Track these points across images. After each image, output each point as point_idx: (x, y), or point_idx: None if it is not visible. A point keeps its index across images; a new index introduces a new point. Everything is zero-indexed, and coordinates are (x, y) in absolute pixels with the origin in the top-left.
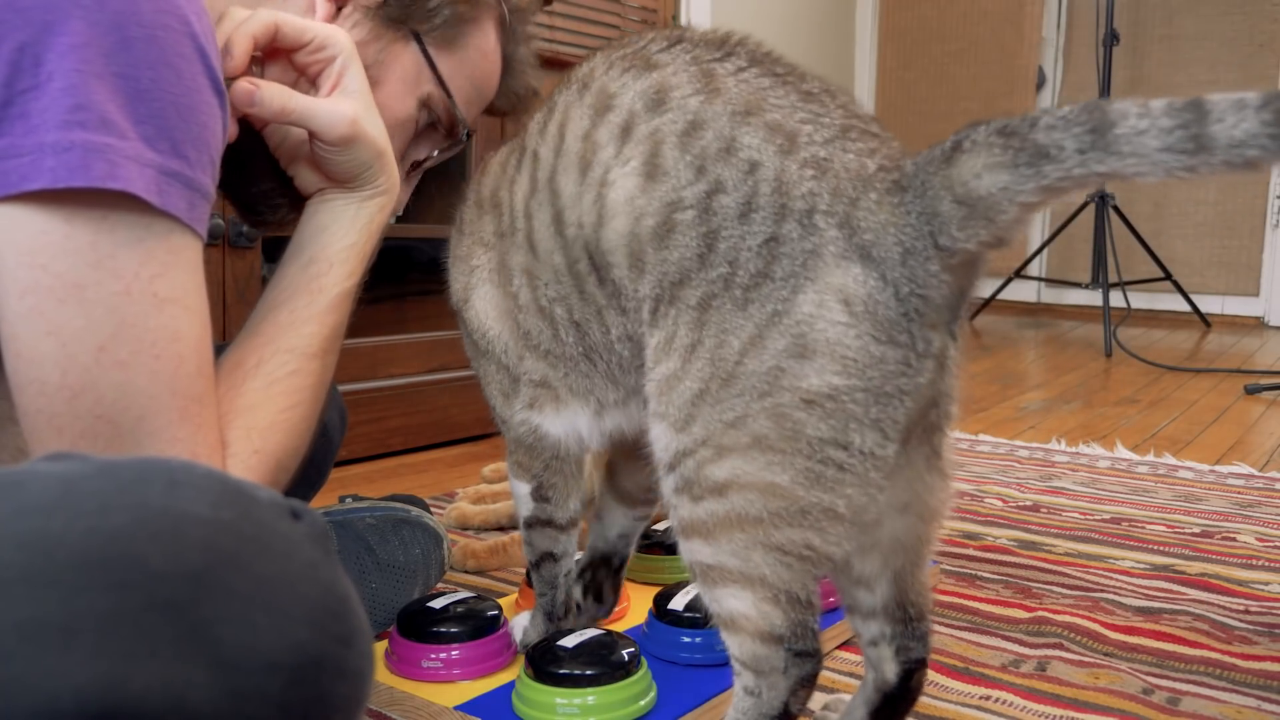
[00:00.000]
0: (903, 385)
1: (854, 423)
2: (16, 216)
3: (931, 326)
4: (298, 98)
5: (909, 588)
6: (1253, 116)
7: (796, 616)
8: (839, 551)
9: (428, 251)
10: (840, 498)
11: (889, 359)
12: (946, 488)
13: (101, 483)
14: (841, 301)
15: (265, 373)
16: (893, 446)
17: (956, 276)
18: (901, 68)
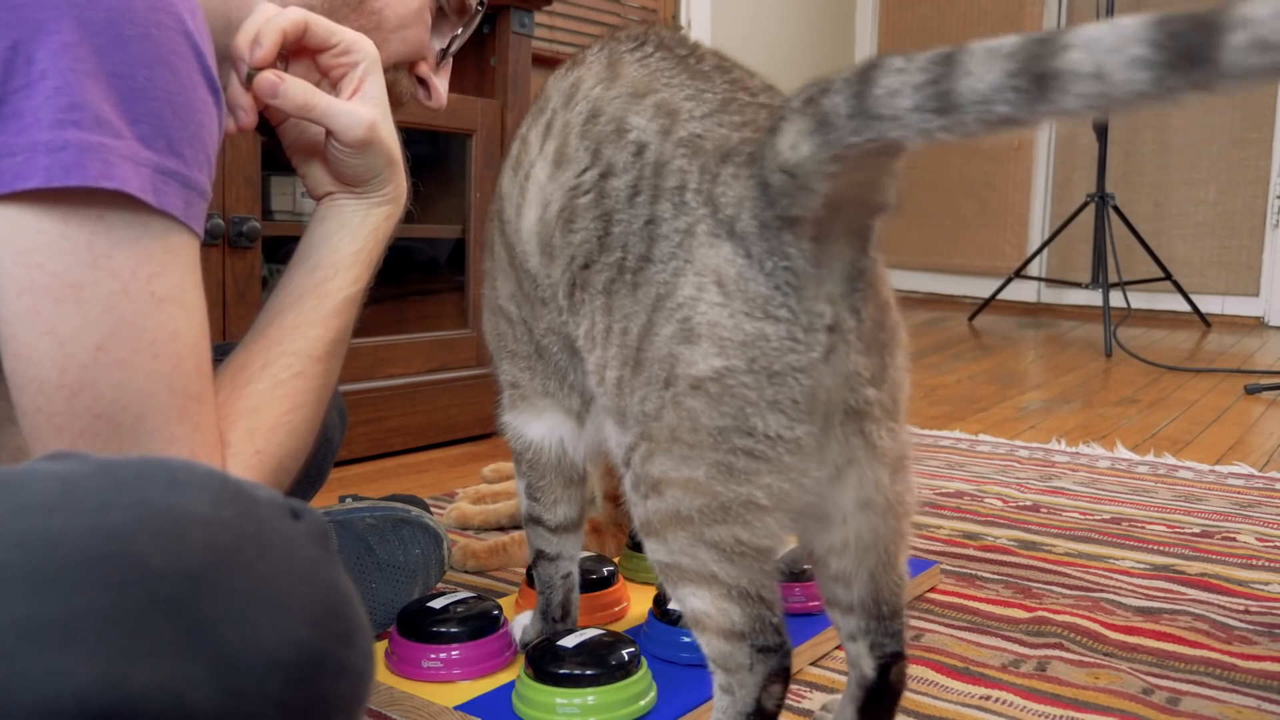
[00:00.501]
0: (792, 362)
1: (749, 406)
2: (12, 216)
3: (815, 299)
4: (320, 95)
5: (883, 585)
6: (998, 67)
7: (754, 612)
8: (771, 543)
9: (427, 251)
10: (758, 488)
11: (769, 335)
12: (902, 480)
13: (101, 481)
14: (715, 282)
15: (270, 375)
16: (801, 428)
17: (823, 245)
18: None
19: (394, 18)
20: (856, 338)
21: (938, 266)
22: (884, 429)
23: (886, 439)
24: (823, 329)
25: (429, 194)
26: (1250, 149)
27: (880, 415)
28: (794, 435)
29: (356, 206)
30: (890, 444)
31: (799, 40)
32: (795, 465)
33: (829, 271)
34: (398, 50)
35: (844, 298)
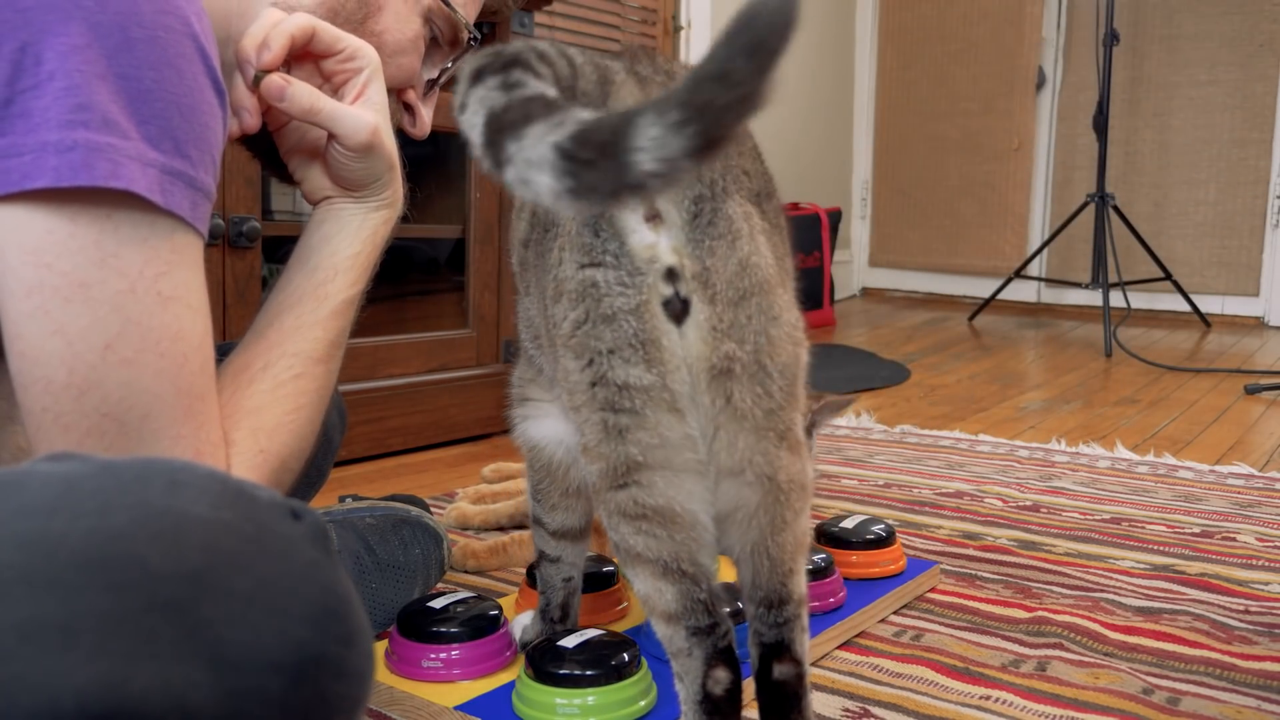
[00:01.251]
0: (621, 305)
1: (599, 357)
2: (20, 216)
3: (645, 246)
4: (325, 100)
5: (760, 567)
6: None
7: (684, 588)
8: (671, 505)
9: (427, 251)
10: (632, 444)
11: (598, 281)
12: (768, 451)
13: (102, 483)
14: (566, 239)
15: (271, 375)
16: (650, 375)
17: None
18: (901, 68)
19: (392, 42)
20: (703, 287)
21: (938, 266)
22: (748, 392)
23: (749, 401)
24: (654, 273)
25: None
26: (1250, 149)
27: (742, 375)
28: (644, 383)
29: (355, 210)
30: (752, 407)
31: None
32: (656, 417)
33: (667, 226)
34: (391, 75)
35: (685, 247)
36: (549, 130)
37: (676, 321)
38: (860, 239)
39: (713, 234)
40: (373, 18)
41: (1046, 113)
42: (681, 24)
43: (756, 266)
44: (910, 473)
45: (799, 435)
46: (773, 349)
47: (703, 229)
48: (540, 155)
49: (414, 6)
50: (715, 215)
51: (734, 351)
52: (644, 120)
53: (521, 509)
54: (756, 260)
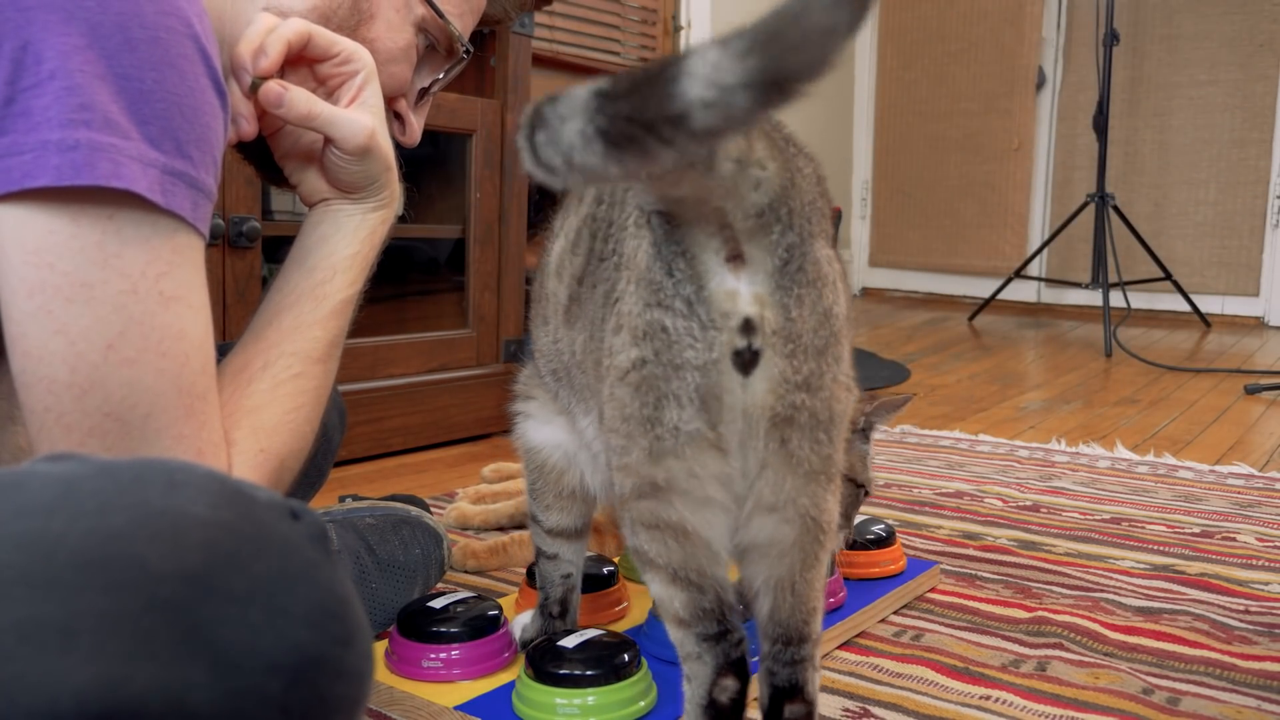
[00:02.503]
0: (690, 359)
1: (654, 396)
2: (22, 215)
3: (723, 295)
4: (322, 104)
5: (781, 603)
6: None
7: (692, 597)
8: (689, 526)
9: (427, 251)
10: (666, 471)
11: (668, 327)
12: (812, 495)
13: (101, 483)
14: (632, 272)
15: (271, 375)
16: (700, 423)
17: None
18: (901, 68)
19: (383, 50)
20: (784, 340)
21: (938, 266)
22: (808, 439)
23: (808, 449)
24: (728, 329)
25: (429, 194)
26: (1250, 149)
27: (807, 423)
28: (694, 428)
29: (352, 211)
30: (810, 454)
31: None
32: (697, 456)
33: (752, 270)
34: (382, 83)
35: (771, 295)
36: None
37: (744, 372)
38: (860, 239)
39: (802, 281)
40: (365, 25)
41: (1046, 113)
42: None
43: (836, 317)
44: (910, 473)
45: (838, 473)
46: (836, 397)
47: (792, 276)
48: (573, 106)
49: (406, 15)
50: (804, 261)
51: (804, 401)
52: (703, 48)
53: (521, 509)
54: (837, 310)
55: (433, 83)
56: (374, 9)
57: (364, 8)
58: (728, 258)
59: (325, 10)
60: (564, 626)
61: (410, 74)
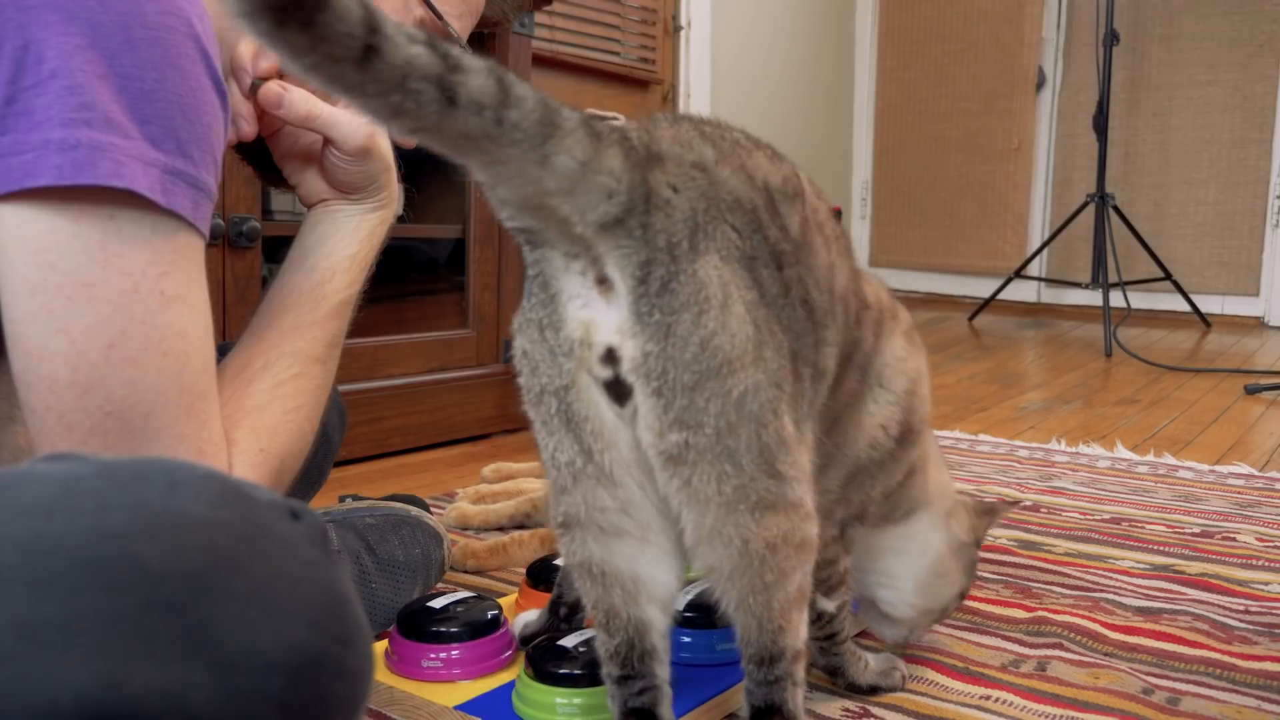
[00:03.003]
0: (544, 383)
1: (536, 424)
2: (23, 215)
3: (572, 322)
4: (322, 105)
5: (750, 624)
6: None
7: (603, 636)
8: (586, 558)
9: (427, 251)
10: (564, 504)
11: (528, 351)
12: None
13: (100, 483)
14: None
15: (271, 375)
16: (576, 455)
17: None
18: (901, 68)
19: None
20: (646, 376)
21: (938, 266)
22: (712, 475)
23: (713, 485)
24: (583, 357)
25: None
26: (1250, 149)
27: (704, 459)
28: (570, 458)
29: (351, 211)
30: (717, 489)
31: (799, 40)
32: (584, 489)
33: (613, 298)
34: None
35: (629, 323)
36: None
37: (620, 401)
38: (860, 239)
39: (668, 306)
40: None
41: (1046, 113)
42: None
43: (719, 348)
44: None
45: (786, 493)
46: (741, 428)
47: (652, 300)
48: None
49: (405, 17)
50: (672, 282)
51: (688, 439)
52: None
53: (521, 509)
54: (720, 341)
55: None
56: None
57: None
58: (596, 279)
59: None
60: (566, 629)
61: None
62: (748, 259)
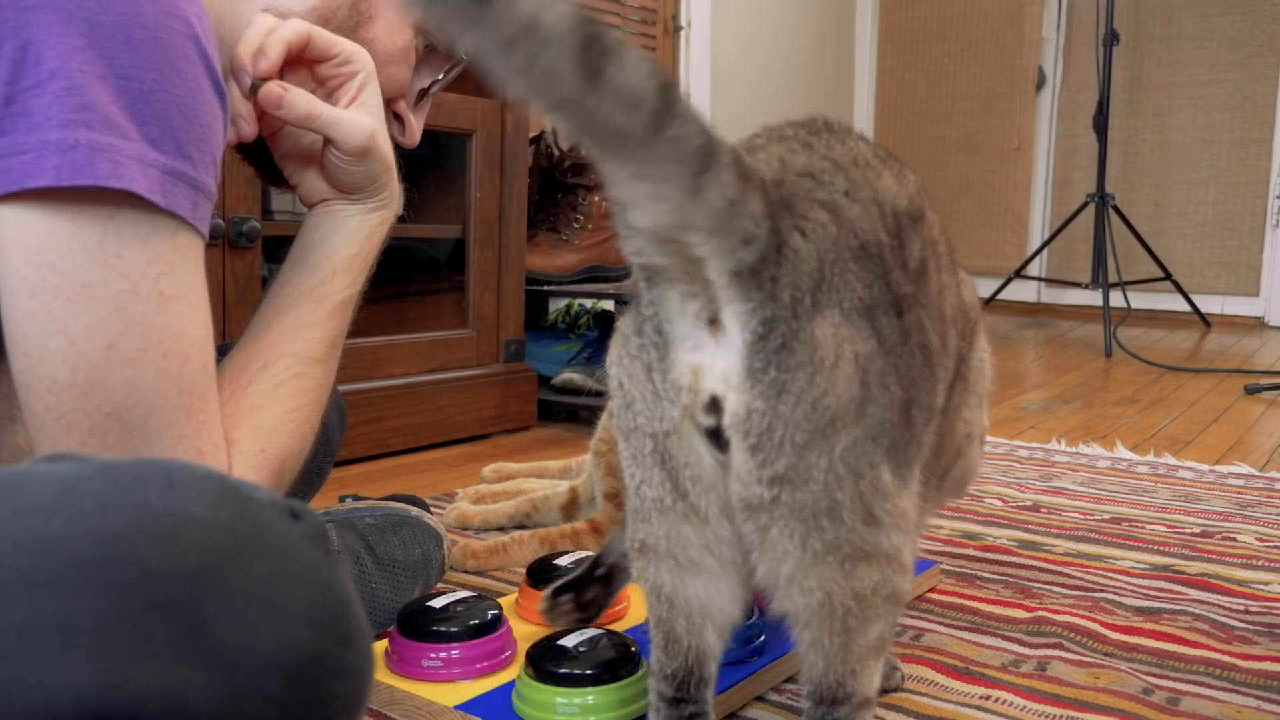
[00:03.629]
0: (642, 424)
1: (626, 455)
2: (22, 215)
3: (681, 367)
4: (322, 105)
5: (816, 664)
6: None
7: (661, 655)
8: (656, 584)
9: (427, 251)
10: (643, 531)
11: (626, 386)
12: (828, 575)
13: (100, 484)
14: (622, 325)
15: (271, 375)
16: (665, 494)
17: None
18: (901, 68)
19: (382, 52)
20: (745, 433)
21: None
22: (797, 530)
23: (797, 539)
24: (686, 404)
25: (429, 194)
26: (1250, 149)
27: (794, 515)
28: (658, 495)
29: (352, 211)
30: (797, 545)
31: (799, 40)
32: (668, 525)
33: (723, 344)
34: (381, 84)
35: (739, 376)
36: None
37: (721, 448)
38: None
39: (784, 364)
40: (364, 26)
41: (1046, 113)
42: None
43: (826, 407)
44: None
45: (881, 542)
46: (836, 483)
47: (769, 356)
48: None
49: (406, 16)
50: (792, 339)
51: (780, 496)
52: None
53: (521, 509)
54: (828, 401)
55: (432, 84)
56: (373, 10)
57: (363, 9)
58: (708, 320)
59: (325, 11)
60: (597, 589)
61: (409, 75)
62: (868, 309)
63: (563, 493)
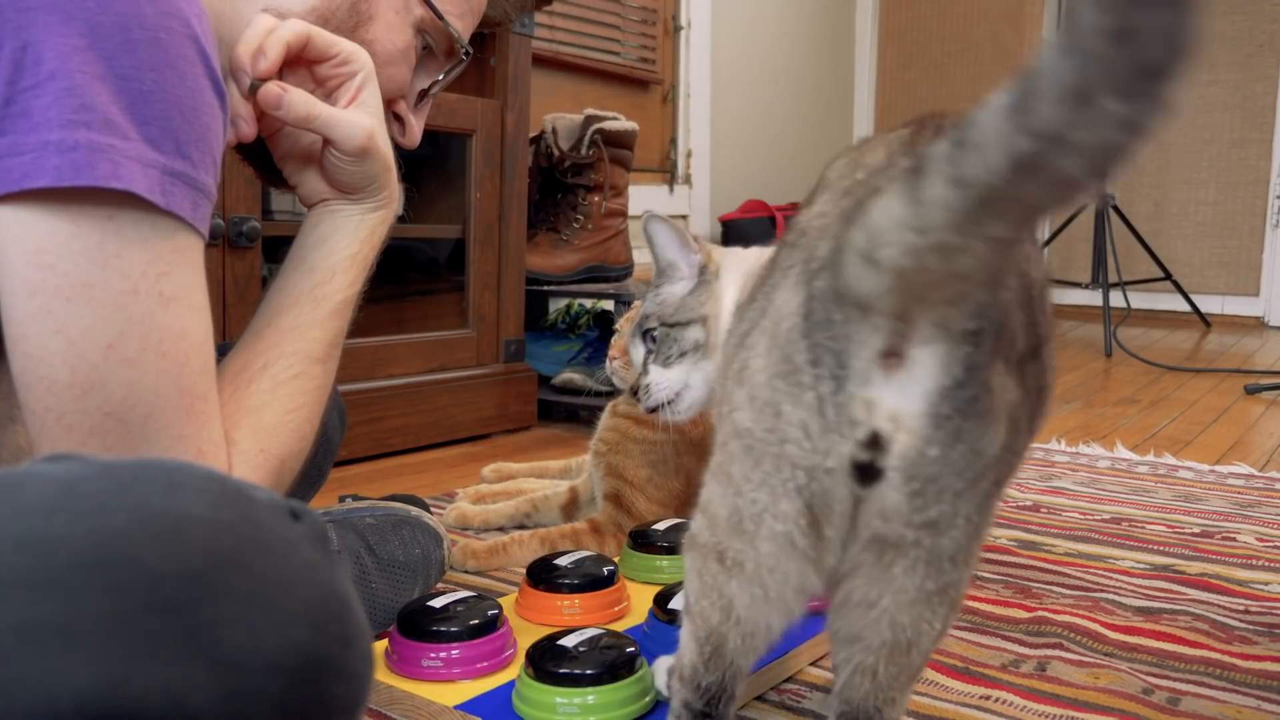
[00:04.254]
0: (794, 456)
1: (752, 475)
2: (22, 216)
3: (860, 404)
4: (321, 106)
5: (859, 685)
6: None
7: (699, 666)
8: (729, 601)
9: (427, 251)
10: (738, 551)
11: (784, 412)
12: (922, 616)
13: (101, 484)
14: (770, 329)
15: (271, 375)
16: (793, 529)
17: (904, 346)
18: (901, 68)
19: (382, 52)
20: (909, 477)
21: None
22: (919, 571)
23: (918, 579)
24: (852, 440)
25: (429, 194)
26: (1250, 149)
27: (923, 558)
28: (783, 530)
29: (351, 211)
30: (915, 584)
31: (799, 40)
32: (779, 559)
33: (905, 382)
34: (381, 85)
35: (919, 420)
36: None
37: (861, 483)
38: None
39: (971, 413)
40: (363, 26)
41: None
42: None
43: (988, 455)
44: None
45: (964, 587)
46: (973, 530)
47: (958, 404)
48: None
49: (405, 17)
50: (982, 390)
51: (920, 539)
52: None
53: (521, 509)
54: (992, 449)
55: (432, 85)
56: (373, 10)
57: (363, 9)
58: (884, 353)
59: (324, 12)
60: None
61: (409, 76)
62: (1020, 357)
63: (563, 493)
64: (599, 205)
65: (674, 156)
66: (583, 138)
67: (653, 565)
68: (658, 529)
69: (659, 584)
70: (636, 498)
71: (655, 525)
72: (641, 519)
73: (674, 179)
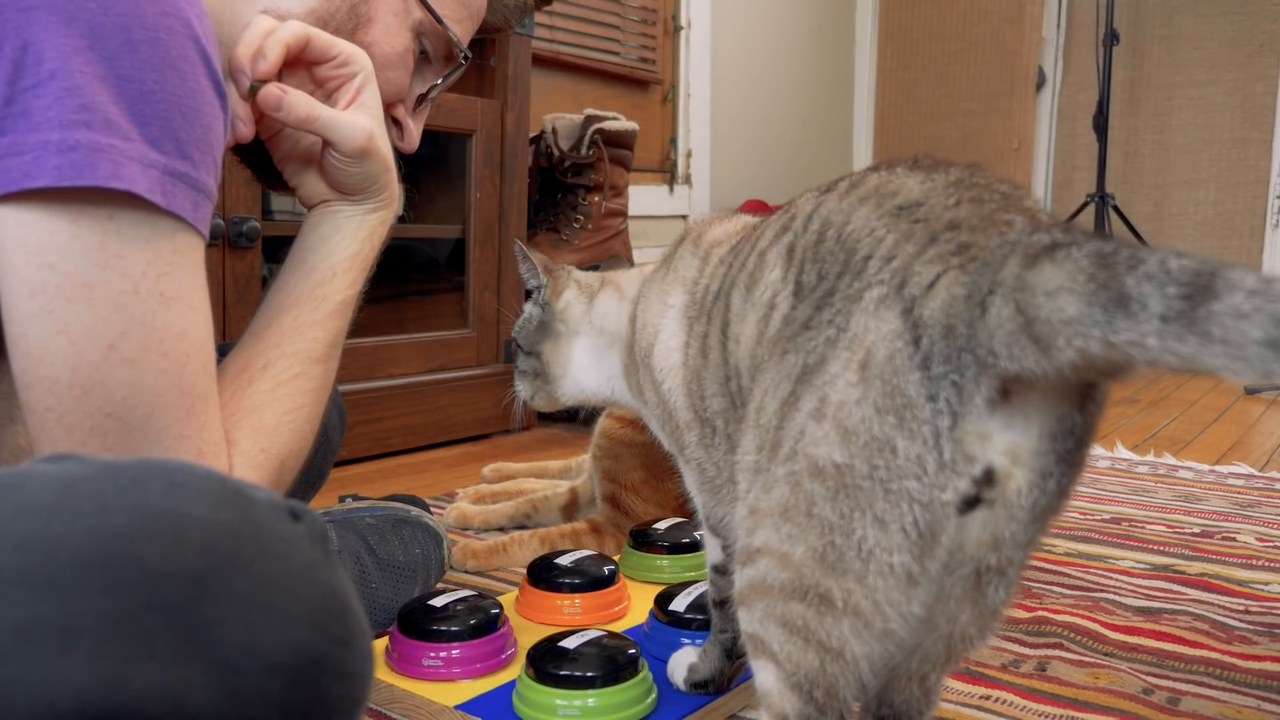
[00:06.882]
0: (913, 491)
1: (858, 512)
2: (23, 216)
3: (977, 439)
4: (321, 107)
5: (902, 689)
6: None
7: (808, 712)
8: (838, 644)
9: (427, 251)
10: (839, 588)
11: (898, 448)
12: (989, 628)
13: (101, 484)
14: (861, 359)
15: (271, 375)
16: (903, 558)
17: (1022, 390)
18: (901, 68)
19: (380, 56)
20: (1019, 507)
21: None
22: (1004, 588)
23: (1002, 595)
24: (969, 476)
25: (429, 194)
26: (1250, 149)
27: (1011, 577)
28: (893, 561)
29: (352, 212)
30: (998, 599)
31: (799, 40)
32: (886, 588)
33: (1019, 419)
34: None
35: (1032, 455)
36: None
37: (961, 512)
38: None
39: (1073, 460)
40: (362, 29)
41: (1046, 113)
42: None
43: (1069, 494)
44: None
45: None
46: (1035, 544)
47: (1063, 452)
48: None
49: (404, 20)
50: (1082, 443)
51: (1018, 559)
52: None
53: (521, 509)
54: (1073, 488)
55: (431, 88)
56: (372, 13)
57: (361, 12)
58: (999, 391)
59: (323, 14)
60: (735, 666)
61: (408, 79)
62: None
63: (563, 493)
64: (599, 205)
65: (674, 156)
66: (583, 138)
67: (653, 564)
68: (658, 528)
69: (660, 583)
70: (633, 500)
71: (655, 524)
72: (640, 520)
73: (674, 179)
